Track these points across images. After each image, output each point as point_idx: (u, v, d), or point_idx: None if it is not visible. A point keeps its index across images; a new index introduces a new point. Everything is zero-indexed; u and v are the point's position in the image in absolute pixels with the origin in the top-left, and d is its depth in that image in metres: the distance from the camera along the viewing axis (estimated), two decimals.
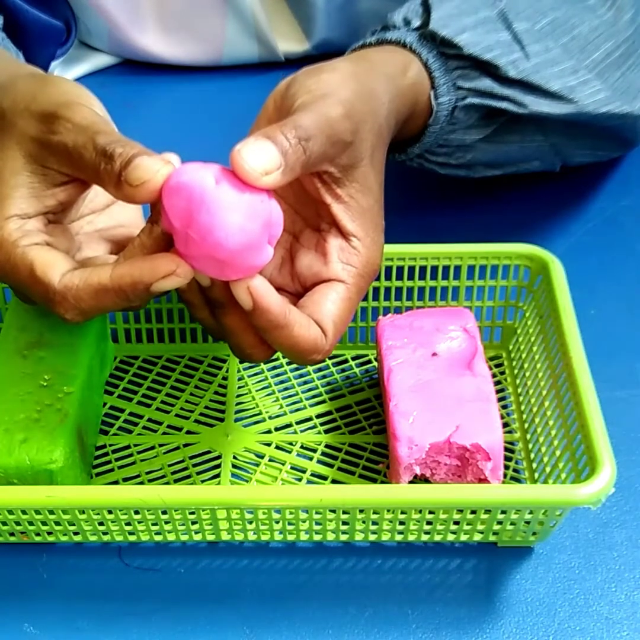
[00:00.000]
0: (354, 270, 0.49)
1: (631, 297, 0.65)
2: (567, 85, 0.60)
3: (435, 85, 0.57)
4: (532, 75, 0.59)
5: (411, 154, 0.60)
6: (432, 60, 0.57)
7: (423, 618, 0.49)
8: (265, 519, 0.49)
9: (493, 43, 0.58)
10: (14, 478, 0.49)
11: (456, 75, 0.58)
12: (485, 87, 0.58)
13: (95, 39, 0.84)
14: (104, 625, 0.49)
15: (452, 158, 0.62)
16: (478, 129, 0.60)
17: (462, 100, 0.58)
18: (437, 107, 0.57)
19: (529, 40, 0.59)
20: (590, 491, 0.46)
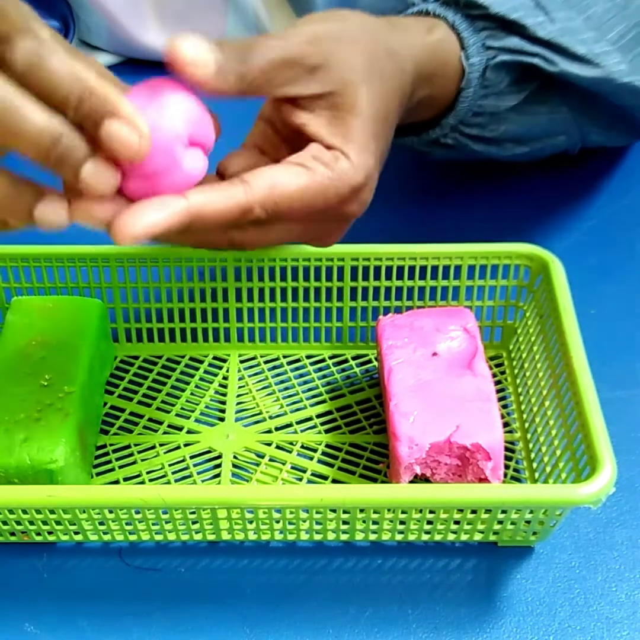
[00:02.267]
0: (325, 169, 0.47)
1: (631, 297, 0.65)
2: (593, 52, 0.59)
3: (465, 45, 0.57)
4: (559, 37, 0.58)
5: (446, 126, 0.60)
6: (459, 21, 0.57)
7: (423, 618, 0.49)
8: (266, 518, 0.49)
9: (517, 5, 0.58)
10: (14, 477, 0.50)
11: (484, 36, 0.57)
12: (514, 45, 0.58)
13: (94, 36, 0.84)
14: (104, 625, 0.49)
15: (486, 130, 0.61)
16: (510, 95, 0.60)
17: (492, 60, 0.57)
18: (469, 67, 0.57)
19: (552, 7, 0.59)
20: (590, 491, 0.46)
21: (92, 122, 0.41)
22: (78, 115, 0.41)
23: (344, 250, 0.58)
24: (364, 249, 0.58)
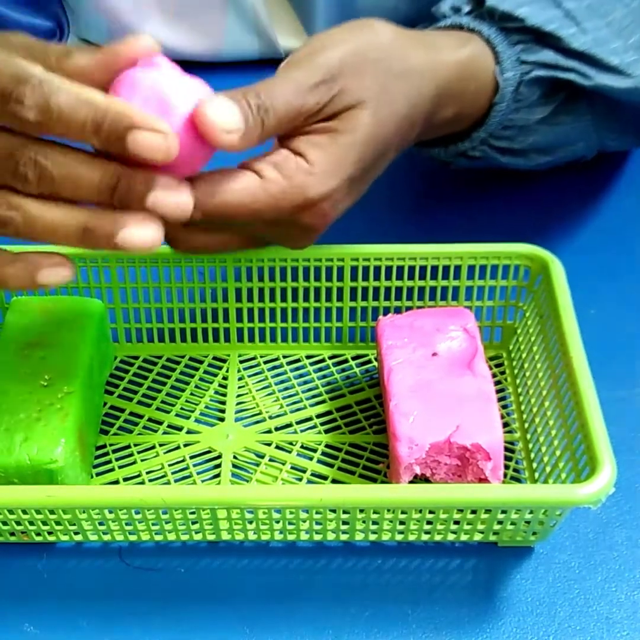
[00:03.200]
0: (278, 176, 0.47)
1: (631, 297, 0.65)
2: (625, 62, 0.59)
3: (500, 60, 0.56)
4: (593, 48, 0.58)
5: (476, 139, 0.59)
6: (494, 35, 0.56)
7: (423, 618, 0.49)
8: (266, 518, 0.49)
9: (551, 16, 0.58)
10: (14, 478, 0.50)
11: (519, 49, 0.57)
12: (550, 59, 0.57)
13: (94, 34, 0.84)
14: (104, 625, 0.49)
15: (515, 142, 0.61)
16: (540, 107, 0.59)
17: (527, 75, 0.57)
18: (504, 82, 0.56)
19: (581, 17, 0.59)
20: (590, 491, 0.46)
21: (116, 142, 0.42)
22: (101, 140, 0.42)
23: (344, 250, 0.58)
24: (364, 249, 0.58)
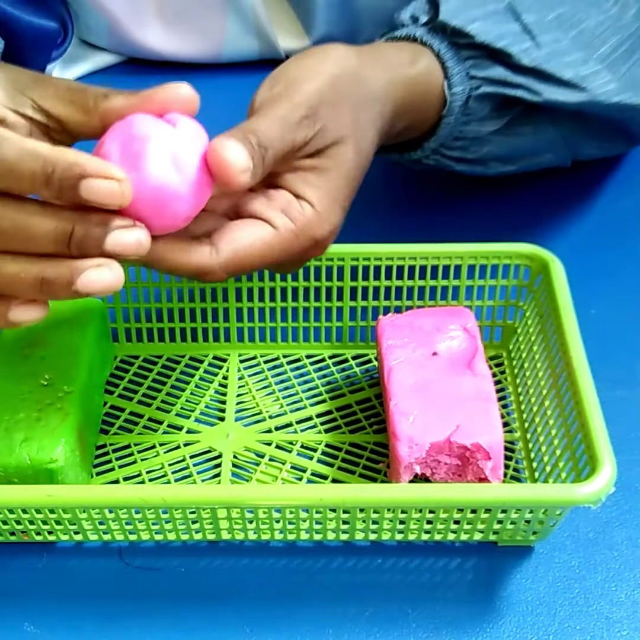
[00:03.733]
0: (288, 222, 0.47)
1: (631, 297, 0.65)
2: (579, 75, 0.59)
3: (449, 75, 0.57)
4: (545, 63, 0.58)
5: (427, 149, 0.60)
6: (444, 50, 0.57)
7: (423, 618, 0.49)
8: (266, 518, 0.49)
9: (504, 32, 0.58)
10: (14, 477, 0.50)
11: (469, 65, 0.58)
12: (499, 75, 0.58)
13: (95, 36, 0.84)
14: (104, 625, 0.49)
15: (468, 152, 0.62)
16: (492, 120, 0.60)
17: (476, 90, 0.58)
18: (451, 97, 0.57)
19: (539, 31, 0.59)
20: (590, 490, 0.46)
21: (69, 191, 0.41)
22: (54, 191, 0.41)
23: (344, 250, 0.58)
24: (364, 249, 0.58)
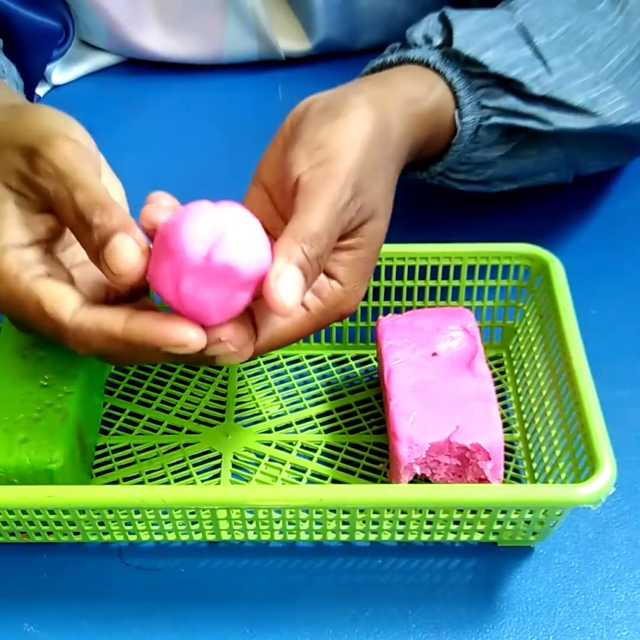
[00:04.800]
0: (319, 303, 0.49)
1: (631, 297, 0.65)
2: (590, 98, 0.59)
3: (460, 104, 0.57)
4: (556, 90, 0.58)
5: (433, 172, 0.60)
6: (457, 79, 0.57)
7: (423, 618, 0.49)
8: (266, 518, 0.49)
9: (516, 60, 0.58)
10: (14, 478, 0.49)
11: (480, 94, 0.58)
12: (509, 105, 0.58)
13: (94, 37, 0.84)
14: (104, 625, 0.49)
15: (472, 175, 0.62)
16: (499, 146, 0.60)
17: (486, 120, 0.58)
18: (462, 126, 0.57)
19: (550, 54, 0.59)
20: (590, 491, 0.46)
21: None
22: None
23: None
24: None
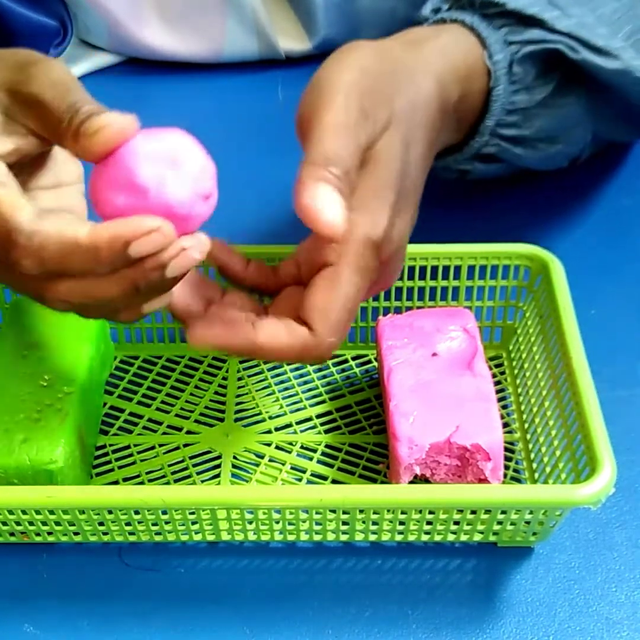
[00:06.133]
0: (342, 248, 0.47)
1: (631, 297, 0.65)
2: (612, 46, 0.59)
3: (487, 44, 0.57)
4: (578, 30, 0.59)
5: (484, 131, 0.59)
6: (478, 22, 0.57)
7: (423, 618, 0.49)
8: (265, 519, 0.49)
9: (533, 1, 0.58)
10: (14, 478, 0.50)
11: (505, 32, 0.58)
12: (536, 36, 0.58)
13: (94, 36, 0.84)
14: (104, 625, 0.49)
15: (522, 129, 0.60)
16: (539, 88, 0.59)
17: (517, 54, 0.58)
18: (494, 65, 0.57)
19: (565, 4, 0.59)
20: (590, 491, 0.46)
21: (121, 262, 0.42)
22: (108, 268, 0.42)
23: None
24: None
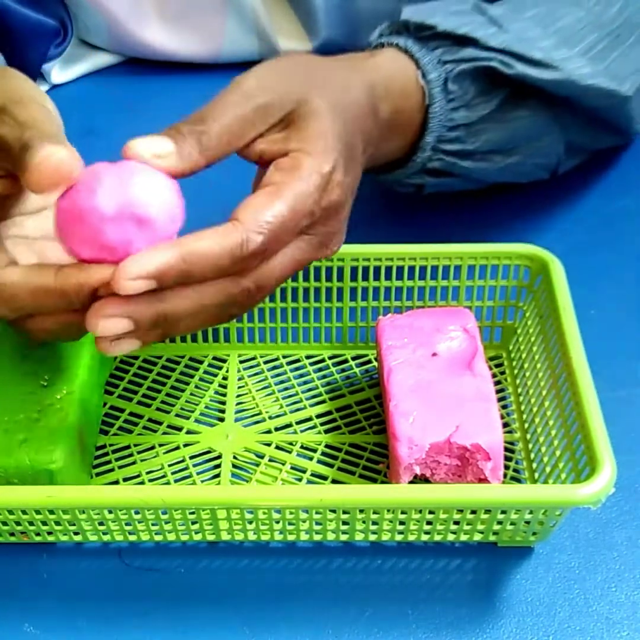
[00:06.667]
0: (289, 173, 0.47)
1: (631, 297, 0.65)
2: (551, 57, 0.60)
3: (421, 64, 0.57)
4: (514, 45, 0.59)
5: (426, 146, 0.59)
6: (411, 44, 0.58)
7: (423, 618, 0.49)
8: (266, 519, 0.49)
9: (467, 21, 0.59)
10: (14, 478, 0.49)
11: (439, 53, 0.58)
12: (470, 54, 0.58)
13: (94, 36, 0.84)
14: (104, 625, 0.49)
15: (467, 143, 0.61)
16: (480, 105, 0.60)
17: (451, 72, 0.58)
18: (428, 84, 0.57)
19: (506, 21, 0.60)
20: (590, 491, 0.46)
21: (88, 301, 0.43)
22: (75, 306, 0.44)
23: (344, 250, 0.58)
24: (364, 249, 0.58)
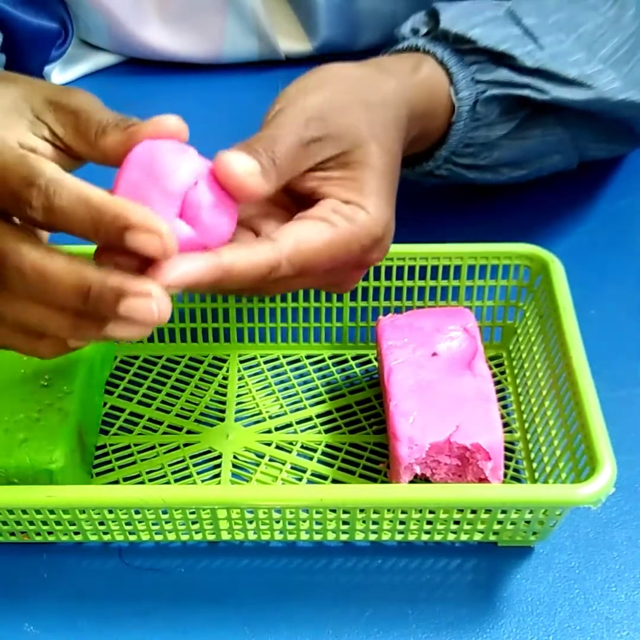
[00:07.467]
0: (346, 222, 0.47)
1: (631, 297, 0.65)
2: (585, 73, 0.60)
3: (454, 80, 0.57)
4: (549, 63, 0.59)
5: (439, 158, 0.60)
6: (448, 57, 0.57)
7: (423, 618, 0.49)
8: (266, 518, 0.49)
9: (506, 35, 0.59)
10: (14, 478, 0.50)
11: (474, 70, 0.58)
12: (504, 77, 0.58)
13: (95, 36, 0.84)
14: (104, 625, 0.49)
15: (478, 158, 0.62)
16: (501, 124, 0.60)
17: (482, 94, 0.58)
18: (459, 102, 0.57)
19: (540, 33, 0.60)
20: (590, 491, 0.46)
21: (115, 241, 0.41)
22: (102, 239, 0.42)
23: None
24: None
